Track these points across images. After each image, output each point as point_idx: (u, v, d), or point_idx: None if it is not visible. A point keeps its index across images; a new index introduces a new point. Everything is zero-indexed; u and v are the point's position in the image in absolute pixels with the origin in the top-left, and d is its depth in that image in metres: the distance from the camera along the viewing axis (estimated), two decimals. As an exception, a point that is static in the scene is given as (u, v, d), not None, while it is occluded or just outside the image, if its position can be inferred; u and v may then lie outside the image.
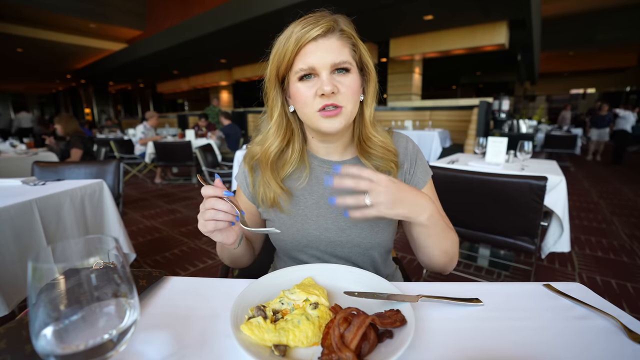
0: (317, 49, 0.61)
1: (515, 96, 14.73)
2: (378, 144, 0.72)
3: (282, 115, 0.71)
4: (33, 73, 13.74)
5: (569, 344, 0.46)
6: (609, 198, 4.16)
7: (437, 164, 2.10)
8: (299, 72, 0.63)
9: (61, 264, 0.32)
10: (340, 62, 0.62)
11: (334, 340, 0.42)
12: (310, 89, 0.63)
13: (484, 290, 0.60)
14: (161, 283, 0.64)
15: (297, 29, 0.61)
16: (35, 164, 1.99)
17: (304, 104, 0.64)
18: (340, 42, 0.63)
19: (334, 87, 0.61)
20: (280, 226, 0.75)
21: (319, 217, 0.74)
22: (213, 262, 2.41)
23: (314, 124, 0.66)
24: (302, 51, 0.62)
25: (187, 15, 7.69)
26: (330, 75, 0.62)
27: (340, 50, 0.62)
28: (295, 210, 0.75)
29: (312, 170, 0.77)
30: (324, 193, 0.75)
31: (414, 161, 0.77)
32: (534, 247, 1.59)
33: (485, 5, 5.41)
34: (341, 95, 0.63)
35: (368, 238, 0.73)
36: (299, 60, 0.62)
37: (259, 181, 0.75)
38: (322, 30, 0.60)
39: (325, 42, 0.62)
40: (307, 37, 0.60)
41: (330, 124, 0.64)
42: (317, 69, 0.62)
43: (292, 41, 0.61)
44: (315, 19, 0.62)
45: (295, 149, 0.74)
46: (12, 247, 1.21)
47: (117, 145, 5.71)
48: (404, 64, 8.10)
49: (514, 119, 6.91)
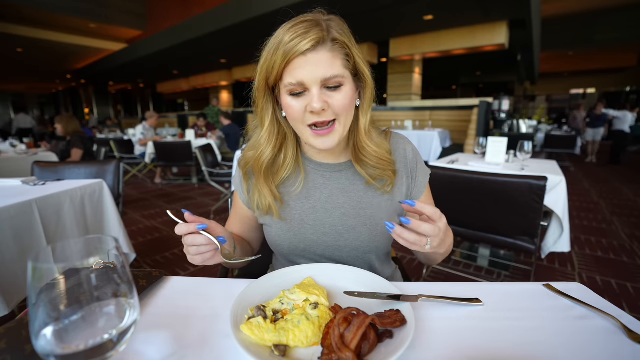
0: (306, 63, 0.58)
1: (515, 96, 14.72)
2: (372, 153, 0.70)
3: (273, 122, 0.69)
4: (33, 73, 13.74)
5: (569, 343, 0.46)
6: (609, 198, 4.16)
7: (437, 164, 2.10)
8: (288, 86, 0.60)
9: (61, 264, 0.32)
10: (331, 76, 0.58)
11: (334, 340, 0.42)
12: (300, 103, 0.61)
13: (484, 290, 0.60)
14: (161, 283, 0.64)
15: (285, 38, 0.57)
16: (35, 164, 1.99)
17: (295, 118, 0.63)
18: (331, 54, 0.58)
19: (324, 103, 0.59)
20: (277, 231, 0.75)
21: (316, 221, 0.73)
22: (213, 262, 2.40)
23: (306, 139, 0.65)
24: (290, 65, 0.58)
25: (187, 15, 7.69)
26: (321, 90, 0.59)
27: (331, 63, 0.58)
28: (292, 216, 0.74)
29: (308, 174, 0.76)
30: (321, 197, 0.74)
31: (415, 167, 0.76)
32: (534, 247, 1.58)
33: (485, 5, 5.41)
34: (332, 111, 0.61)
35: (366, 242, 0.73)
36: (288, 74, 0.59)
37: (252, 187, 0.74)
38: (311, 44, 0.56)
39: (315, 56, 0.57)
40: (295, 50, 0.56)
41: (322, 142, 0.63)
42: (307, 84, 0.59)
43: (280, 54, 0.57)
44: (304, 28, 0.57)
45: (288, 154, 0.73)
46: (12, 247, 1.21)
47: (117, 145, 5.71)
48: (404, 64, 8.10)
49: (514, 119, 6.91)
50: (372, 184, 0.72)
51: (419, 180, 0.77)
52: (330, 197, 0.74)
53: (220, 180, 3.67)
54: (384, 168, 0.71)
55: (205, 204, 3.99)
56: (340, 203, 0.73)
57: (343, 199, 0.73)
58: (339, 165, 0.75)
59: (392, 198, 0.74)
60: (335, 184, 0.74)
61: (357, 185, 0.74)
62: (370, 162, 0.70)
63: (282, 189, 0.75)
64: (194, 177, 5.36)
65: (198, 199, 4.30)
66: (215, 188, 3.92)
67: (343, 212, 0.73)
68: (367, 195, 0.73)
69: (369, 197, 0.73)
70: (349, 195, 0.74)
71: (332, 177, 0.75)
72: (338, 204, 0.73)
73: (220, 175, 3.62)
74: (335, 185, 0.74)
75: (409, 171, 0.76)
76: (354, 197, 0.73)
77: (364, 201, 0.73)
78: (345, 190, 0.74)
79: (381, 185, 0.73)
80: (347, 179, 0.75)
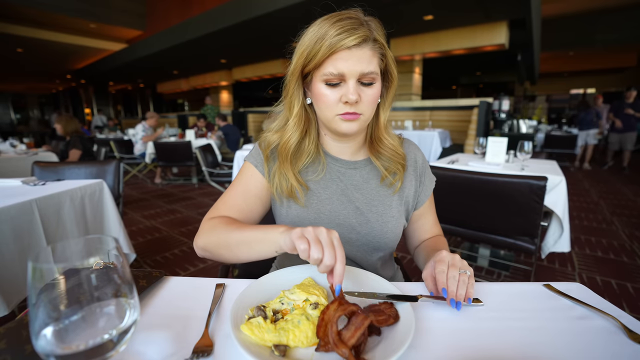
0: (349, 57, 0.62)
1: (515, 96, 14.71)
2: (388, 145, 0.76)
3: (302, 108, 0.73)
4: (33, 73, 13.73)
5: (569, 344, 0.46)
6: (609, 198, 4.16)
7: (437, 164, 2.10)
8: (327, 75, 0.63)
9: (61, 264, 0.32)
10: (369, 72, 0.63)
11: (331, 337, 0.43)
12: (335, 93, 0.65)
13: (484, 290, 0.60)
14: (161, 283, 0.64)
15: (331, 31, 0.60)
16: (35, 164, 1.99)
17: (327, 106, 0.67)
18: (371, 53, 0.63)
19: (358, 96, 0.64)
20: (293, 218, 0.76)
21: (331, 212, 0.75)
22: (213, 262, 2.41)
23: (332, 124, 0.69)
24: (334, 56, 0.62)
25: (187, 15, 7.68)
26: (356, 83, 0.64)
27: (370, 60, 0.63)
28: (310, 204, 0.76)
29: (326, 165, 0.79)
30: (337, 189, 0.77)
31: (424, 173, 0.83)
32: (534, 247, 1.58)
33: (485, 5, 5.40)
34: (362, 104, 0.66)
35: (377, 238, 0.75)
36: (329, 64, 0.63)
37: (274, 171, 0.75)
38: (357, 40, 0.61)
39: (358, 52, 0.62)
40: (342, 44, 0.60)
41: (348, 126, 0.68)
42: (346, 76, 0.63)
43: (326, 44, 0.61)
44: (351, 25, 0.61)
45: (312, 138, 0.76)
46: (12, 247, 1.21)
47: (117, 145, 5.71)
48: (404, 64, 8.09)
49: (514, 119, 6.90)
50: (387, 177, 0.77)
51: (426, 184, 0.83)
52: (345, 191, 0.77)
53: (220, 180, 3.67)
54: (397, 160, 0.77)
55: (205, 204, 3.99)
56: (355, 197, 0.76)
57: (357, 195, 0.77)
58: (354, 163, 0.79)
59: (401, 197, 0.79)
60: (350, 180, 0.78)
61: (370, 183, 0.78)
62: (387, 154, 0.76)
63: (303, 176, 0.77)
64: (194, 177, 5.36)
65: (198, 199, 4.30)
66: (215, 188, 3.92)
67: (357, 205, 0.76)
68: (380, 194, 0.77)
69: (381, 196, 0.77)
70: (362, 192, 0.77)
71: (346, 174, 0.78)
72: (353, 198, 0.76)
73: (220, 176, 3.62)
74: (350, 181, 0.78)
75: (417, 175, 0.82)
76: (367, 194, 0.77)
77: (376, 198, 0.77)
78: (358, 187, 0.77)
79: (393, 178, 0.77)
80: (362, 176, 0.78)
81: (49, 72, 13.76)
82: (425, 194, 0.83)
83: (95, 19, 8.59)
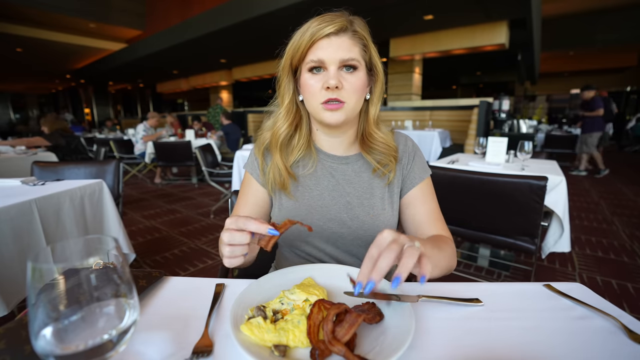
0: (329, 45, 0.66)
1: (515, 96, 14.69)
2: (379, 140, 0.76)
3: (292, 102, 0.75)
4: (33, 73, 13.73)
5: (569, 344, 0.46)
6: (609, 198, 4.16)
7: (437, 164, 2.10)
8: (309, 63, 0.67)
9: (61, 264, 0.31)
10: (348, 59, 0.66)
11: (326, 335, 0.43)
12: (318, 81, 0.67)
13: (484, 290, 0.60)
14: (161, 283, 0.64)
15: (313, 24, 0.66)
16: (35, 164, 1.98)
17: (311, 94, 0.69)
18: (351, 42, 0.67)
19: (339, 82, 0.66)
20: (285, 214, 0.77)
21: (322, 207, 0.77)
22: (213, 262, 2.41)
23: (317, 114, 0.71)
24: (315, 45, 0.66)
25: (187, 15, 7.68)
26: (338, 70, 0.67)
27: (350, 48, 0.66)
28: (301, 199, 0.78)
29: (318, 161, 0.80)
30: (328, 185, 0.78)
31: (412, 157, 0.81)
32: (534, 247, 1.58)
33: (486, 5, 5.40)
34: (345, 91, 0.67)
35: (369, 232, 0.75)
36: (311, 53, 0.67)
37: (269, 167, 0.77)
38: (335, 28, 0.65)
39: (337, 40, 0.66)
40: (320, 33, 0.65)
41: (331, 115, 0.69)
42: (326, 63, 0.66)
43: (307, 35, 0.66)
44: (331, 17, 0.66)
45: (302, 136, 0.78)
46: (11, 247, 1.21)
47: (116, 145, 5.71)
48: (404, 64, 8.09)
49: (514, 119, 6.90)
50: (379, 169, 0.77)
51: (414, 171, 0.80)
52: (336, 186, 0.78)
53: (220, 180, 3.67)
54: (389, 153, 0.77)
55: (205, 204, 3.99)
56: (346, 192, 0.77)
57: (348, 189, 0.78)
58: (345, 158, 0.80)
59: (392, 189, 0.79)
60: (342, 175, 0.79)
61: (362, 177, 0.79)
62: (378, 148, 0.76)
63: (294, 171, 0.78)
64: (193, 177, 5.36)
65: (198, 199, 4.30)
66: (215, 188, 3.92)
67: (348, 200, 0.77)
68: (372, 186, 0.78)
69: (373, 188, 0.78)
70: (353, 186, 0.78)
71: (338, 169, 0.79)
72: (344, 192, 0.77)
73: (220, 175, 3.61)
74: (342, 176, 0.79)
75: (407, 159, 0.81)
76: (358, 187, 0.78)
77: (368, 191, 0.78)
78: (350, 181, 0.78)
79: (385, 169, 0.77)
80: (353, 170, 0.79)
81: (49, 72, 13.75)
82: (413, 178, 0.78)
83: (95, 18, 8.59)
